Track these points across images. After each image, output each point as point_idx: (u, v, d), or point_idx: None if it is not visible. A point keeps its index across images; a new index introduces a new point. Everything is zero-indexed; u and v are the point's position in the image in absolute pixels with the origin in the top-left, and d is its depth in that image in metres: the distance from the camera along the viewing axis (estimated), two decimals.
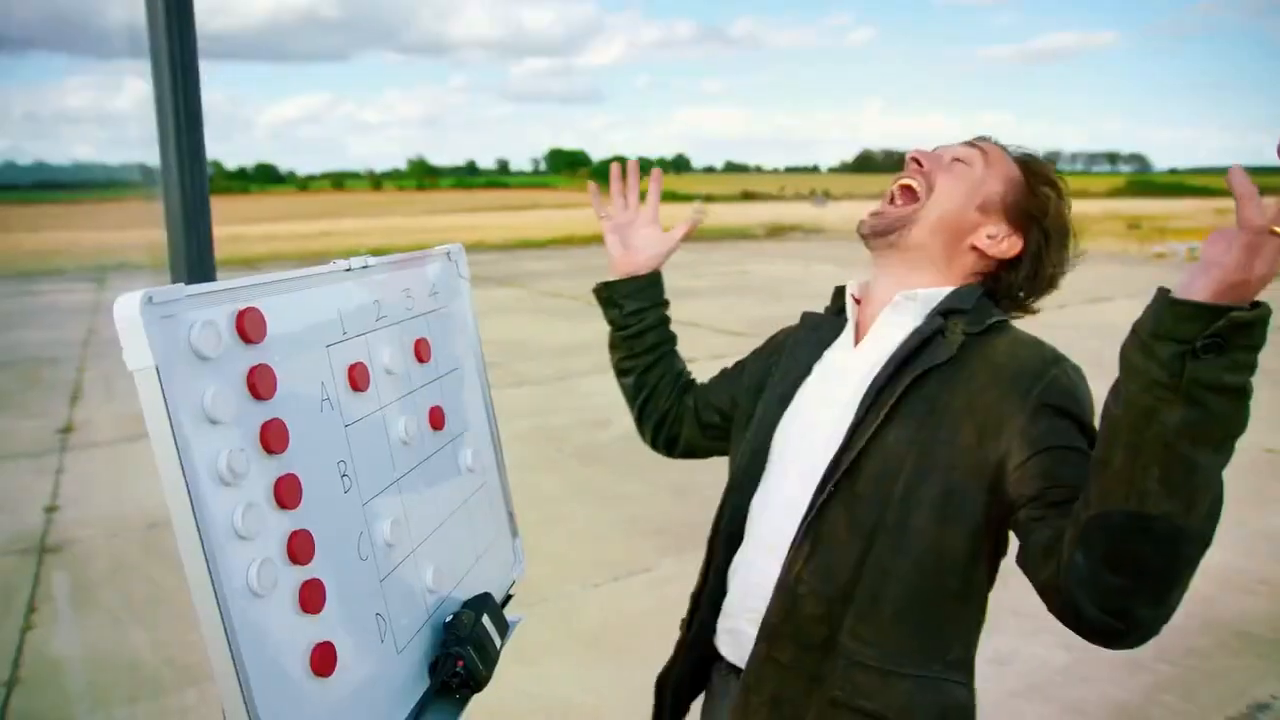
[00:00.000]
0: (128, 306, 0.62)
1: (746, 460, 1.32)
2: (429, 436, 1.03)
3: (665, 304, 1.60)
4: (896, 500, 1.12)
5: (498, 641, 1.00)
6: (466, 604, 1.02)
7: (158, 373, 0.63)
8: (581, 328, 11.47)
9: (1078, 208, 1.32)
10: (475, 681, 0.94)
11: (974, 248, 1.26)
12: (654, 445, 1.61)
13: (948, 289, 1.25)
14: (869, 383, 1.19)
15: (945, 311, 1.21)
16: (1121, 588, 0.93)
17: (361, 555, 0.84)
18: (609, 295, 1.58)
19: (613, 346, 1.62)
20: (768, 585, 1.21)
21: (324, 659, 0.75)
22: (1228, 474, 0.96)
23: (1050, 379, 1.12)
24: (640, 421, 1.61)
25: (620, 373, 1.62)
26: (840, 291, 1.38)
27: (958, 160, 1.27)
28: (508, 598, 1.18)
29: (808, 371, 1.33)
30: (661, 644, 1.59)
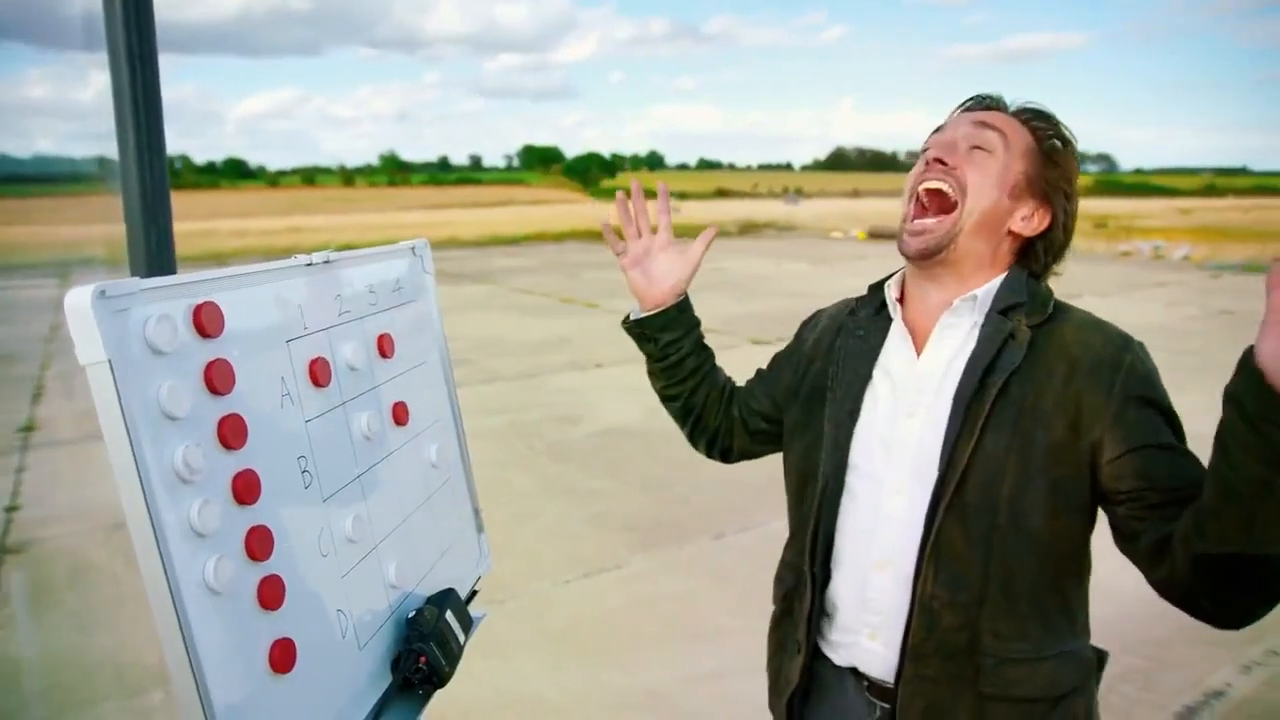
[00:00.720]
0: (79, 300, 0.62)
1: (830, 480, 1.29)
2: (392, 432, 1.02)
3: (698, 324, 1.55)
4: (1005, 504, 1.14)
5: (461, 637, 1.00)
6: (429, 600, 1.02)
7: (111, 367, 0.62)
8: (554, 324, 11.45)
9: None
10: (437, 677, 0.94)
11: (1010, 232, 1.25)
12: (709, 456, 1.60)
13: (997, 281, 1.25)
14: (953, 395, 1.19)
15: (1004, 309, 1.21)
16: (1243, 601, 1.02)
17: (322, 551, 0.84)
18: (641, 331, 1.51)
19: (652, 375, 1.57)
20: (886, 600, 1.23)
21: (283, 655, 0.75)
22: None
23: (1129, 367, 1.14)
24: (692, 439, 1.59)
25: (665, 399, 1.57)
26: (877, 288, 1.37)
27: (978, 149, 1.24)
28: (473, 593, 1.18)
29: (869, 375, 1.31)
30: (631, 639, 1.60)
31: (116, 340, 0.64)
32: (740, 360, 1.53)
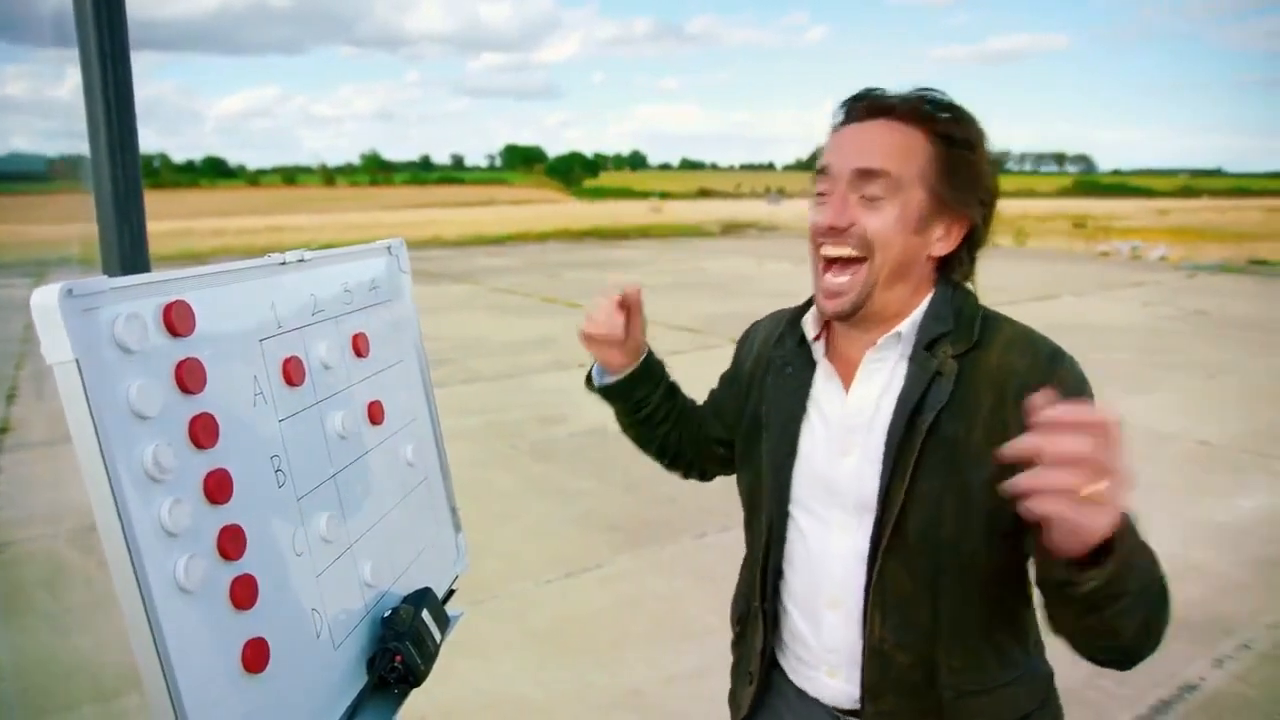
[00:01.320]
0: (45, 298, 0.61)
1: (775, 520, 1.28)
2: (368, 431, 1.02)
3: (664, 372, 1.51)
4: (947, 547, 1.12)
5: (438, 636, 1.00)
6: (406, 599, 1.01)
7: (78, 366, 0.62)
8: (536, 324, 11.43)
9: (1025, 207, 1.30)
10: (413, 677, 0.94)
11: (929, 258, 1.20)
12: (686, 478, 1.61)
13: (920, 311, 1.19)
14: (884, 437, 1.15)
15: (930, 342, 1.16)
16: (1116, 661, 1.04)
17: (296, 550, 0.83)
18: (609, 395, 1.48)
19: (625, 428, 1.55)
20: (839, 639, 1.22)
21: (256, 655, 0.74)
22: (1161, 465, 1.02)
23: (1058, 384, 1.03)
24: (670, 469, 1.59)
25: (639, 444, 1.56)
26: (795, 322, 1.32)
27: (869, 196, 1.15)
28: (450, 593, 1.18)
29: (803, 413, 1.27)
30: (615, 639, 1.60)
31: (84, 339, 0.63)
32: (722, 360, 1.54)
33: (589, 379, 1.50)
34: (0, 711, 3.14)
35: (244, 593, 0.74)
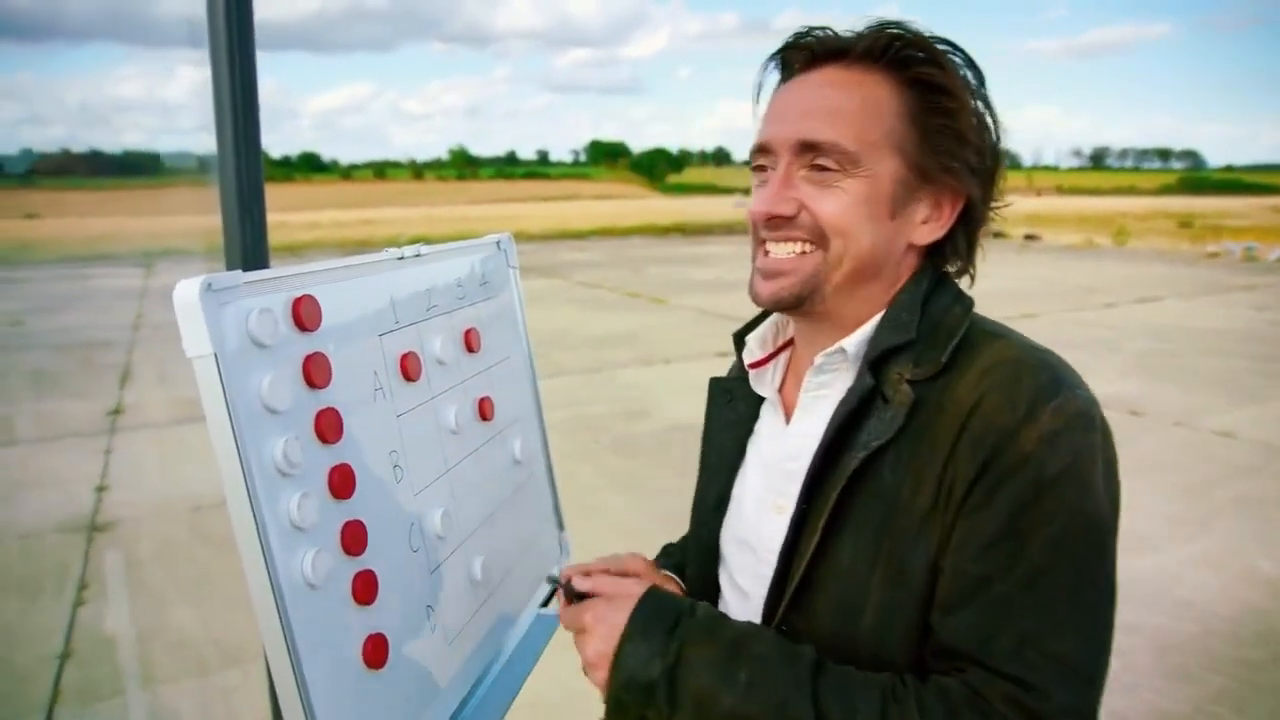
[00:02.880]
0: (187, 293, 0.62)
1: (697, 587, 1.05)
2: (478, 427, 1.02)
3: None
4: (867, 637, 0.83)
5: None
6: None
7: (216, 360, 0.62)
8: (620, 319, 11.47)
9: (1125, 206, 0.98)
10: None
11: (910, 246, 0.91)
12: None
13: (872, 320, 0.90)
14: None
15: (880, 357, 0.87)
16: None
17: (412, 547, 0.84)
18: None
19: None
20: None
21: (376, 651, 0.75)
22: (1272, 480, 0.91)
23: (1018, 449, 0.77)
24: None
25: None
26: (743, 335, 1.04)
27: (820, 168, 0.86)
28: (554, 590, 1.17)
29: (739, 454, 1.02)
30: None
31: (221, 333, 0.64)
32: None
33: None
34: (118, 679, 3.29)
35: (365, 588, 0.74)
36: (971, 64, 0.89)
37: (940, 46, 0.88)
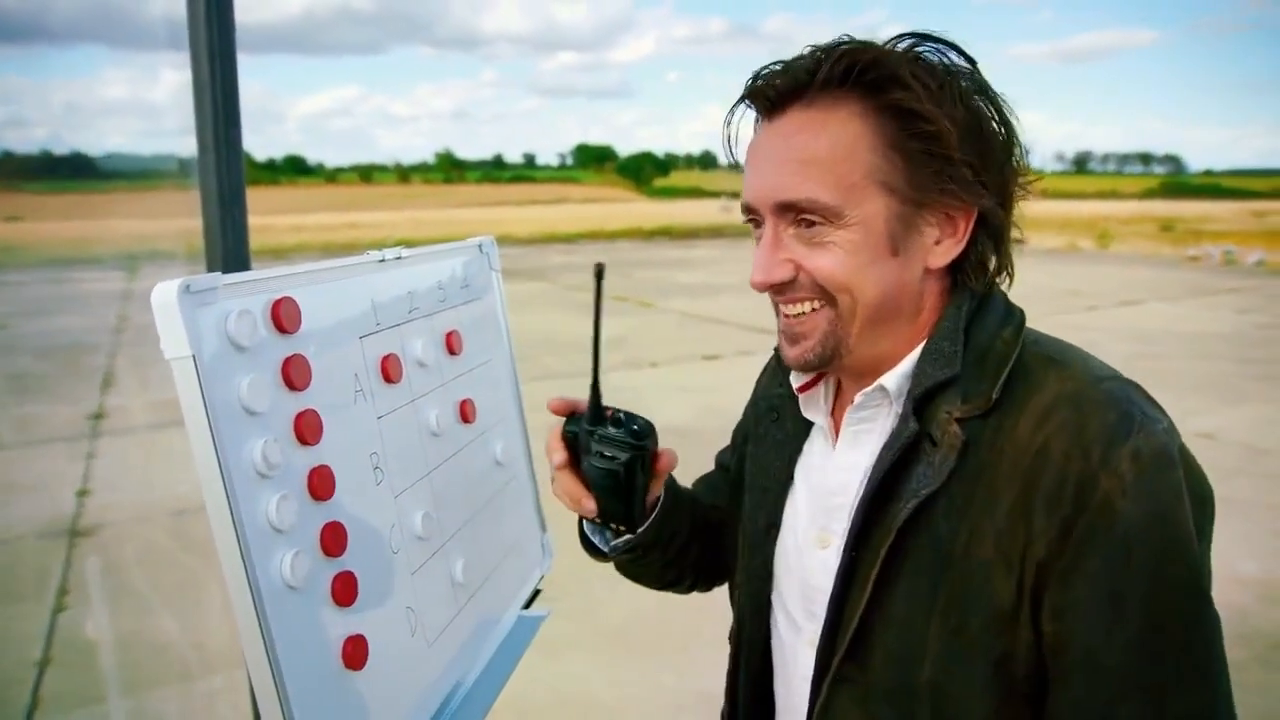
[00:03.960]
0: (165, 294, 0.62)
1: (749, 619, 1.01)
2: (460, 429, 1.02)
3: (689, 494, 1.15)
4: (926, 689, 0.79)
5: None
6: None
7: (195, 362, 0.62)
8: (609, 323, 11.45)
9: (1108, 210, 0.93)
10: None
11: (928, 270, 0.85)
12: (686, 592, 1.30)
13: (916, 353, 0.85)
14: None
15: (924, 395, 0.81)
16: None
17: (393, 548, 0.84)
18: (635, 552, 1.07)
19: (638, 576, 1.18)
20: None
21: (356, 652, 0.74)
22: (1256, 481, 0.92)
23: (1103, 498, 0.72)
24: (674, 590, 1.24)
25: (658, 583, 1.19)
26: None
27: (807, 224, 0.82)
28: (536, 592, 1.17)
29: (788, 477, 0.97)
30: (683, 641, 1.58)
31: (200, 335, 0.64)
32: None
33: (586, 540, 1.11)
34: (99, 685, 3.27)
35: (345, 590, 0.74)
36: (954, 65, 0.82)
37: (920, 49, 0.82)
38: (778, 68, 0.84)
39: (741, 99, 0.87)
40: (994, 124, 0.83)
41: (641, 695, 3.22)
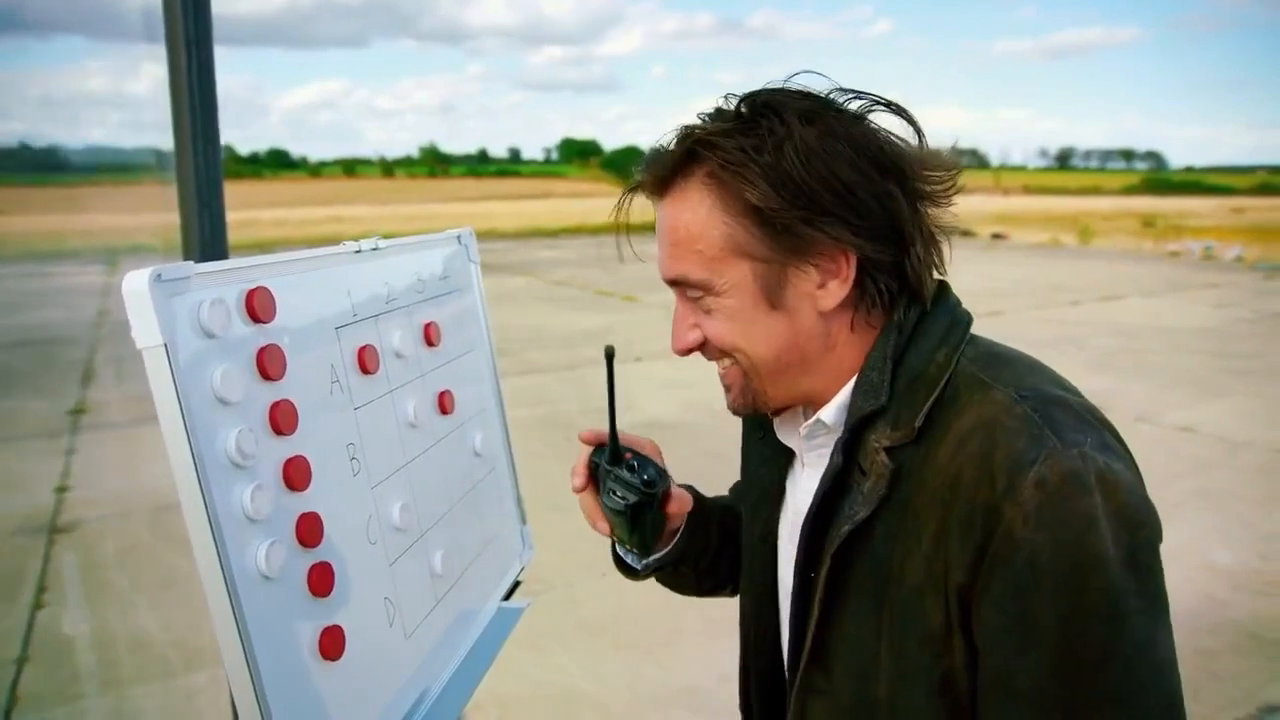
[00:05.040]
0: (136, 283, 0.62)
1: (753, 624, 1.04)
2: (438, 420, 1.02)
3: (714, 506, 1.18)
4: (884, 705, 0.83)
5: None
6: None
7: (166, 351, 0.62)
8: (592, 317, 11.46)
9: (1090, 205, 0.89)
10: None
11: (821, 314, 0.85)
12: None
13: (850, 385, 0.87)
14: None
15: (856, 426, 0.84)
16: None
17: (370, 539, 0.84)
18: (668, 567, 1.14)
19: (681, 588, 1.21)
20: None
21: (333, 642, 0.74)
22: (1233, 474, 0.91)
23: (1006, 527, 0.73)
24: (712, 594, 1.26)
25: (695, 590, 1.21)
26: None
27: (692, 295, 0.88)
28: (516, 584, 1.17)
29: (782, 493, 1.01)
30: (666, 635, 1.59)
31: (172, 323, 0.63)
32: None
33: (619, 559, 1.16)
34: (78, 683, 3.24)
35: (321, 580, 0.74)
36: (810, 110, 0.81)
37: (748, 108, 0.83)
38: (652, 158, 0.88)
39: (631, 190, 0.92)
40: (857, 158, 0.81)
41: (626, 689, 3.23)
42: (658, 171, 0.87)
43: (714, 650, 3.45)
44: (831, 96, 0.84)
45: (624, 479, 1.03)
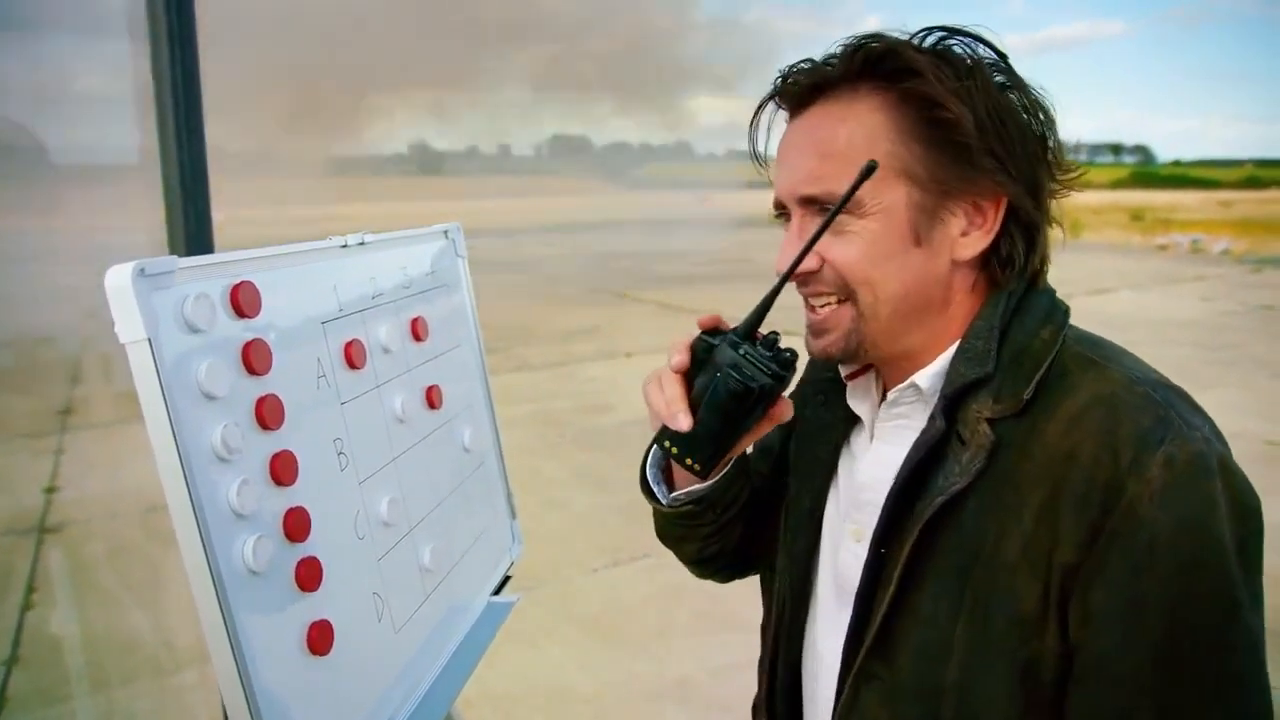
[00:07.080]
0: (119, 277, 0.61)
1: (789, 604, 0.97)
2: (426, 415, 1.02)
3: (749, 472, 1.05)
4: (952, 690, 0.78)
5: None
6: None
7: (150, 345, 0.62)
8: (583, 314, 11.45)
9: (1079, 199, 0.93)
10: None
11: (956, 262, 0.83)
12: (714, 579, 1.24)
13: (949, 350, 0.84)
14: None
15: (956, 394, 0.80)
16: None
17: (359, 534, 0.83)
18: (698, 507, 1.00)
19: (684, 541, 1.07)
20: None
21: (321, 637, 0.74)
22: None
23: (1129, 503, 0.71)
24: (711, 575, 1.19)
25: (706, 561, 1.11)
26: None
27: (815, 206, 0.82)
28: (506, 578, 1.17)
29: (833, 471, 0.96)
30: (658, 629, 1.59)
31: (156, 318, 0.63)
32: None
33: (646, 486, 1.03)
34: (68, 683, 3.23)
35: (309, 575, 0.74)
36: (981, 57, 0.81)
37: (949, 42, 0.81)
38: (805, 65, 0.84)
39: (770, 97, 0.87)
40: (1024, 116, 0.82)
41: (618, 683, 3.23)
42: (819, 75, 0.82)
43: (706, 644, 3.46)
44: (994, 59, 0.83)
45: (756, 357, 0.84)
